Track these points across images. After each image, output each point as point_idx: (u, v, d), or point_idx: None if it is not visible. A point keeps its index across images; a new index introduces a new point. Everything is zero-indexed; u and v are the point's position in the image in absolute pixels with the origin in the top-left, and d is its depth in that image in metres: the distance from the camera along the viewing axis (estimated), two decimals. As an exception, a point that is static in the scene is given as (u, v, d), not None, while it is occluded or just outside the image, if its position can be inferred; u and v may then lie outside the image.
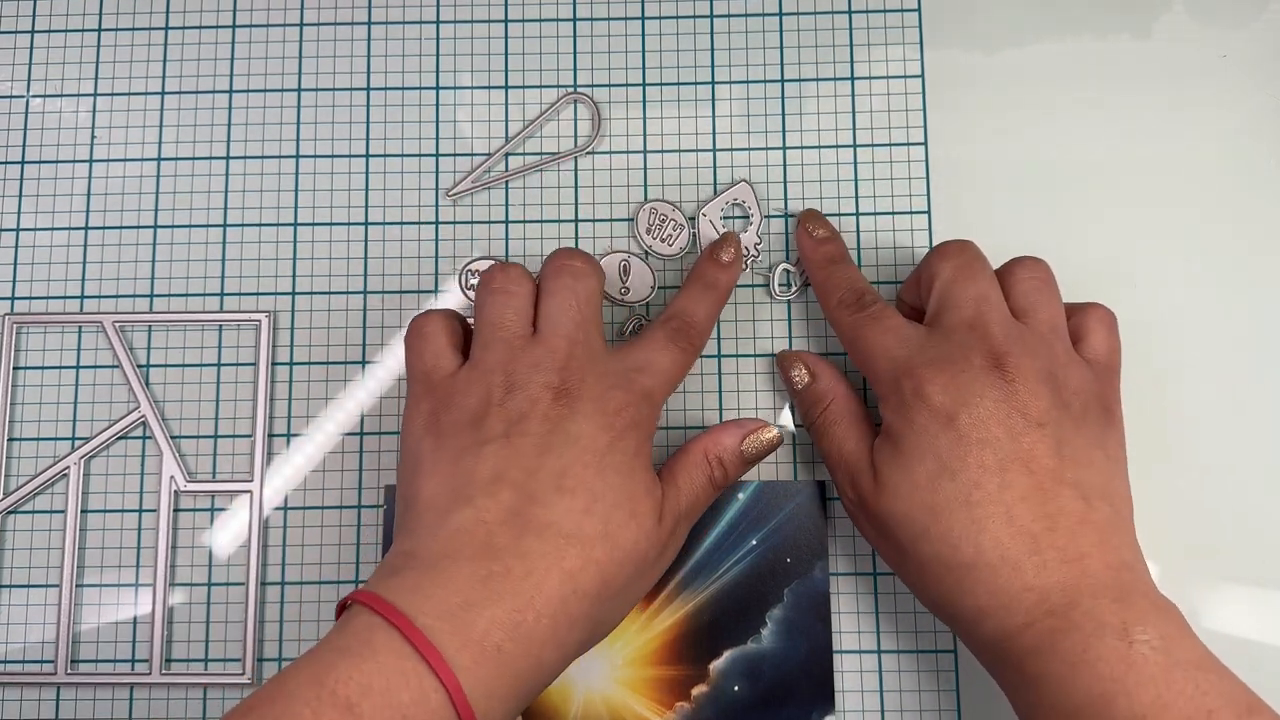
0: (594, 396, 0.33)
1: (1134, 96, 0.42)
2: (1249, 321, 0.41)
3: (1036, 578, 0.30)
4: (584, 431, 0.32)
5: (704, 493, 0.35)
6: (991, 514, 0.31)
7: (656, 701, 0.38)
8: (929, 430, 0.32)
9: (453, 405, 0.33)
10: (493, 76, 0.43)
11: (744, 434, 0.36)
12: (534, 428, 0.32)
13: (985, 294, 0.34)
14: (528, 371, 0.33)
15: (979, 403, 0.32)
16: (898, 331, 0.35)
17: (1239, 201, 0.42)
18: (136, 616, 0.40)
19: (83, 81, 0.43)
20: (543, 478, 0.31)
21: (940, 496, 0.32)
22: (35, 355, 0.41)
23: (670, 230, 0.41)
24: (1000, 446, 0.32)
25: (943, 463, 0.32)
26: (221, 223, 0.42)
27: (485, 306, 0.35)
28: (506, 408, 0.32)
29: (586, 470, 0.32)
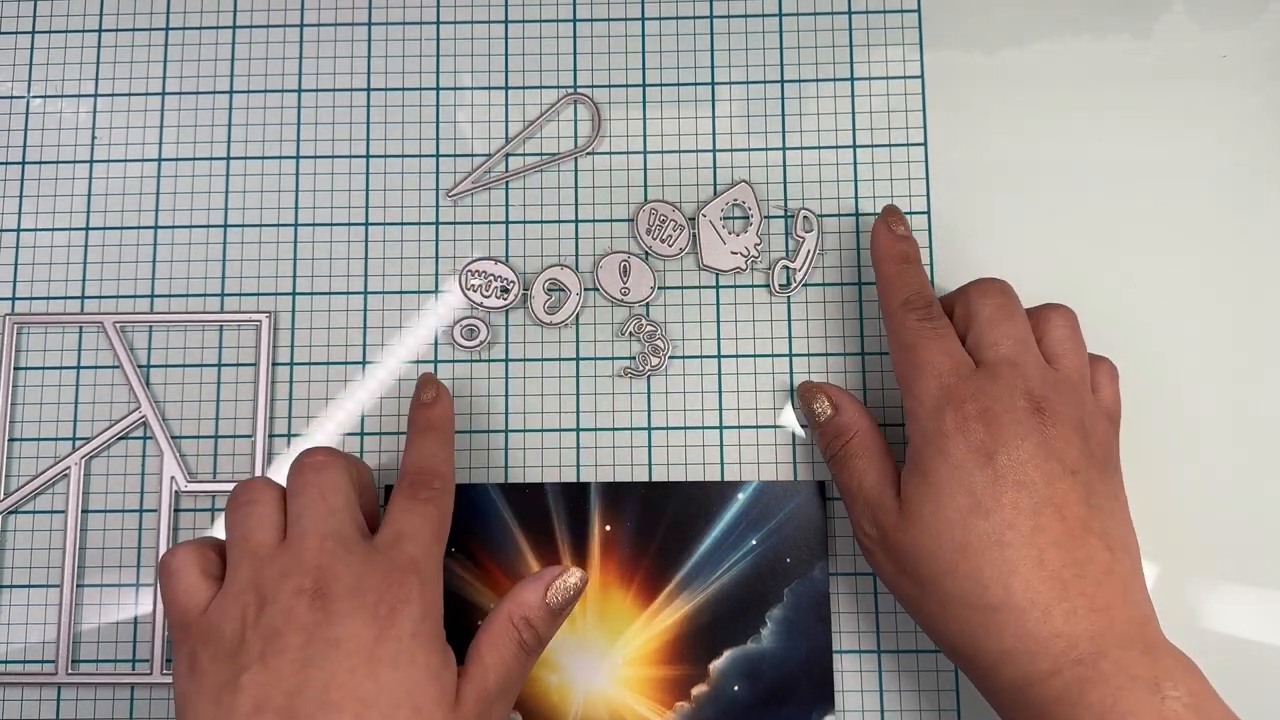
0: (350, 590, 0.31)
1: (1134, 96, 0.42)
2: (1250, 321, 0.41)
3: (1065, 624, 0.30)
4: (345, 633, 0.30)
5: (516, 663, 0.33)
6: (1025, 556, 0.31)
7: (656, 701, 0.38)
8: (965, 466, 0.32)
9: (210, 639, 0.31)
10: (493, 77, 0.43)
11: (545, 586, 0.33)
12: (291, 641, 0.30)
13: (1024, 336, 0.35)
14: (277, 581, 0.31)
15: (1020, 445, 0.32)
16: (954, 354, 0.34)
17: (1239, 201, 0.42)
18: (137, 616, 0.40)
19: (83, 82, 0.43)
20: (306, 697, 0.29)
21: (972, 534, 0.32)
22: (36, 355, 0.41)
23: (670, 231, 0.41)
24: (1036, 490, 0.32)
25: (977, 500, 0.32)
26: (222, 223, 0.42)
27: (232, 525, 0.33)
28: (260, 626, 0.30)
29: (354, 676, 0.29)
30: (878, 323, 0.41)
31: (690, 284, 0.41)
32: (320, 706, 0.29)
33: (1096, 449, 0.33)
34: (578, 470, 0.40)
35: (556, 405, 0.41)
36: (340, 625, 0.30)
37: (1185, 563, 0.39)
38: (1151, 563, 0.40)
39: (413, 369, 0.41)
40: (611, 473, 0.40)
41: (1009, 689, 0.31)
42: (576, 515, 0.39)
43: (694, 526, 0.39)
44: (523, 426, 0.41)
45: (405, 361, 0.41)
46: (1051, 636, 0.30)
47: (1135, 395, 0.41)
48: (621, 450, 0.40)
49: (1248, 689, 0.39)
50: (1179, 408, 0.40)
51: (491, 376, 0.41)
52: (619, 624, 0.39)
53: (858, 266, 0.41)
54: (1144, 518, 0.40)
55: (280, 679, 0.29)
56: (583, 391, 0.41)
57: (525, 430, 0.41)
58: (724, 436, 0.40)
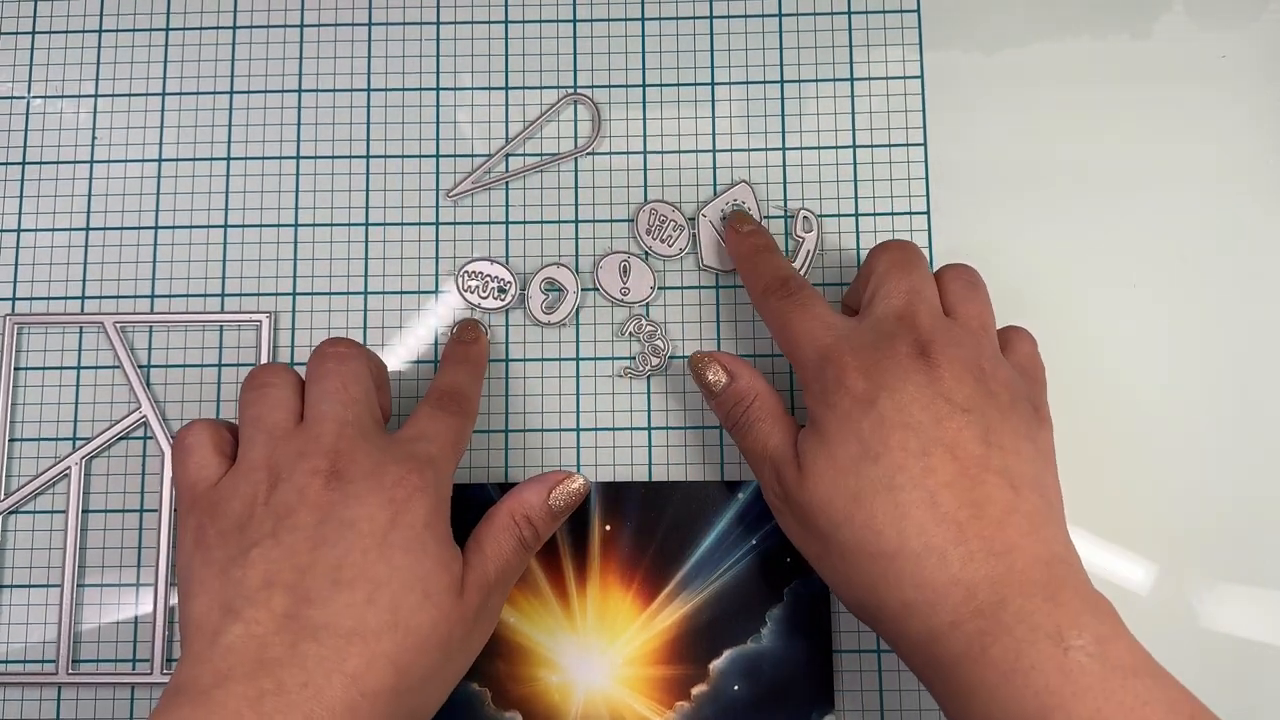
0: (367, 473, 0.31)
1: (1134, 96, 0.42)
2: (1250, 321, 0.41)
3: (963, 570, 0.29)
4: (360, 514, 0.30)
5: (515, 557, 0.34)
6: (915, 499, 0.30)
7: (656, 701, 0.38)
8: (851, 415, 0.32)
9: (218, 513, 0.31)
10: (493, 77, 0.43)
11: (548, 488, 0.34)
12: (304, 520, 0.30)
13: (917, 288, 0.34)
14: (292, 460, 0.31)
15: (901, 387, 0.31)
16: (824, 318, 0.34)
17: (1239, 201, 0.42)
18: (137, 616, 0.40)
19: (83, 82, 0.43)
20: (317, 573, 0.29)
21: (863, 481, 0.31)
22: (36, 355, 0.41)
23: (670, 231, 0.41)
24: (924, 430, 0.31)
25: (865, 446, 0.31)
26: (222, 223, 0.42)
27: (246, 405, 0.33)
28: (272, 504, 0.30)
29: (366, 556, 0.30)
30: (878, 323, 0.41)
31: (690, 284, 0.41)
32: (331, 583, 0.29)
33: (1000, 389, 0.32)
34: (577, 470, 0.40)
35: (556, 405, 0.41)
36: (355, 506, 0.30)
37: (1185, 563, 0.39)
38: (1151, 563, 0.40)
39: (413, 369, 0.41)
40: (611, 473, 0.40)
41: (916, 646, 0.30)
42: (576, 515, 0.39)
43: (694, 526, 0.39)
44: (522, 426, 0.41)
45: (405, 361, 0.41)
46: (949, 584, 0.29)
47: (1135, 395, 0.41)
48: (621, 450, 0.40)
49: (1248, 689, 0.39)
50: (1179, 407, 0.40)
51: (491, 377, 0.41)
52: (619, 624, 0.39)
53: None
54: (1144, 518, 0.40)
55: (292, 555, 0.29)
56: (582, 391, 0.41)
57: (525, 430, 0.41)
58: (724, 436, 0.40)
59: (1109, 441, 0.40)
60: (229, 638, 0.29)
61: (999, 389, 0.32)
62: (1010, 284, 0.41)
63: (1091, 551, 0.40)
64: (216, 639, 0.29)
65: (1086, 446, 0.40)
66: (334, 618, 0.29)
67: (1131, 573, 0.39)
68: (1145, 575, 0.40)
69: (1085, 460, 0.40)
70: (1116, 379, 0.41)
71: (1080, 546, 0.40)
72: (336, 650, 0.29)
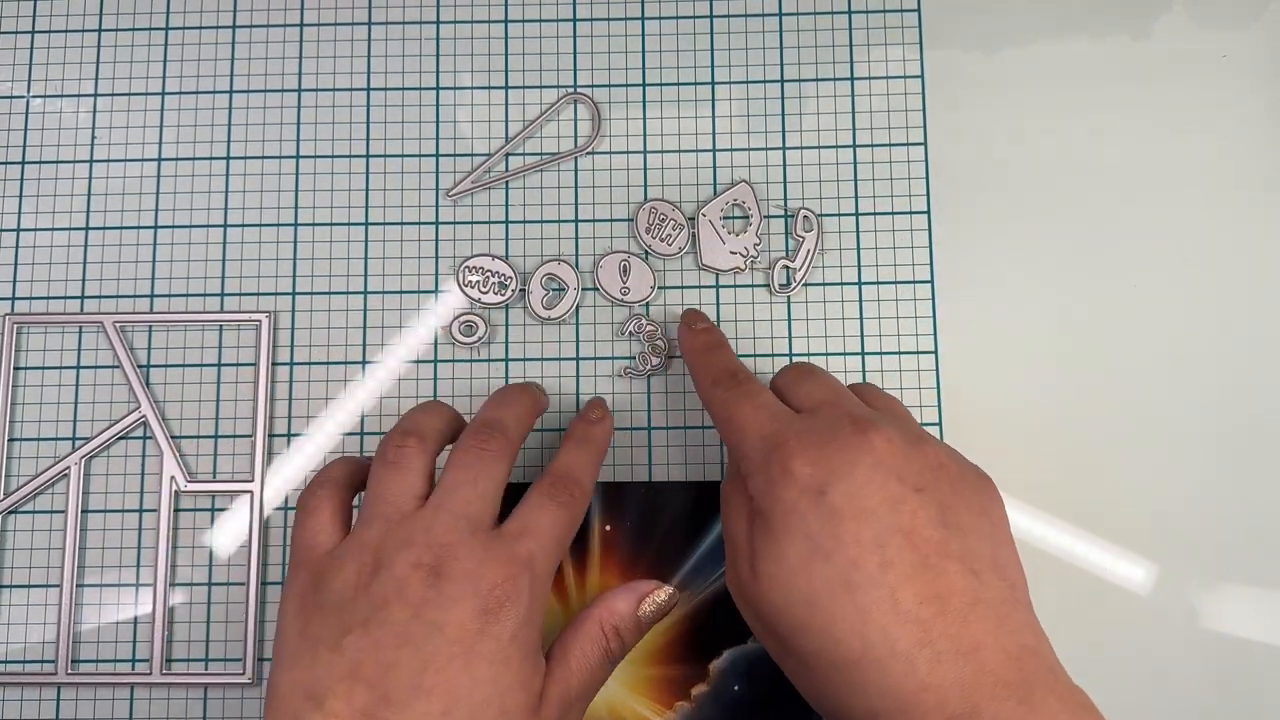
0: (466, 574, 0.30)
1: (1134, 96, 0.42)
2: (1250, 321, 0.41)
3: (930, 674, 0.28)
4: (450, 619, 0.30)
5: (600, 670, 0.32)
6: (874, 599, 0.28)
7: (657, 701, 0.38)
8: (798, 507, 0.30)
9: (322, 586, 0.31)
10: (493, 76, 0.43)
11: (639, 598, 0.33)
12: (396, 614, 0.30)
13: (835, 386, 0.34)
14: (397, 548, 0.31)
15: (851, 472, 0.30)
16: (770, 408, 0.33)
17: (1239, 201, 0.42)
18: (137, 616, 0.40)
19: (83, 82, 0.43)
20: (400, 674, 0.29)
21: (816, 582, 0.29)
22: (35, 355, 0.41)
23: (670, 230, 0.41)
24: (879, 518, 0.29)
25: (815, 543, 0.29)
26: (222, 223, 0.42)
27: (376, 480, 0.33)
28: (371, 591, 0.30)
29: (451, 664, 0.29)
30: (878, 323, 0.41)
31: (690, 284, 0.41)
32: (412, 688, 0.29)
33: (945, 459, 0.31)
34: (578, 470, 0.40)
35: (556, 405, 0.41)
36: (448, 609, 0.30)
37: (1185, 563, 0.39)
38: (1151, 563, 0.40)
39: (413, 369, 0.41)
40: (611, 473, 0.40)
41: None
42: (576, 515, 0.39)
43: (694, 526, 0.39)
44: (523, 426, 0.41)
45: (405, 361, 0.41)
46: (918, 690, 0.28)
47: (1135, 395, 0.41)
48: (621, 450, 0.40)
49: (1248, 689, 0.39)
50: (1179, 407, 0.40)
51: (491, 376, 0.41)
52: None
53: (858, 266, 0.41)
54: (1144, 518, 0.40)
55: (378, 649, 0.29)
56: (582, 391, 0.41)
57: (525, 430, 0.40)
58: (724, 436, 0.40)
59: (1109, 441, 0.40)
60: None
61: (945, 460, 0.31)
62: (1009, 284, 0.41)
63: (1092, 551, 0.40)
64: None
65: (1086, 446, 0.40)
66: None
67: (1131, 573, 0.40)
68: (1145, 575, 0.40)
69: (1085, 460, 0.40)
70: (1116, 379, 0.41)
71: (1080, 546, 0.40)
72: None
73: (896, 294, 0.41)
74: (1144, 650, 0.39)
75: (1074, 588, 0.39)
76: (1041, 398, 0.40)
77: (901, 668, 0.28)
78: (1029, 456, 0.32)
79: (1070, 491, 0.40)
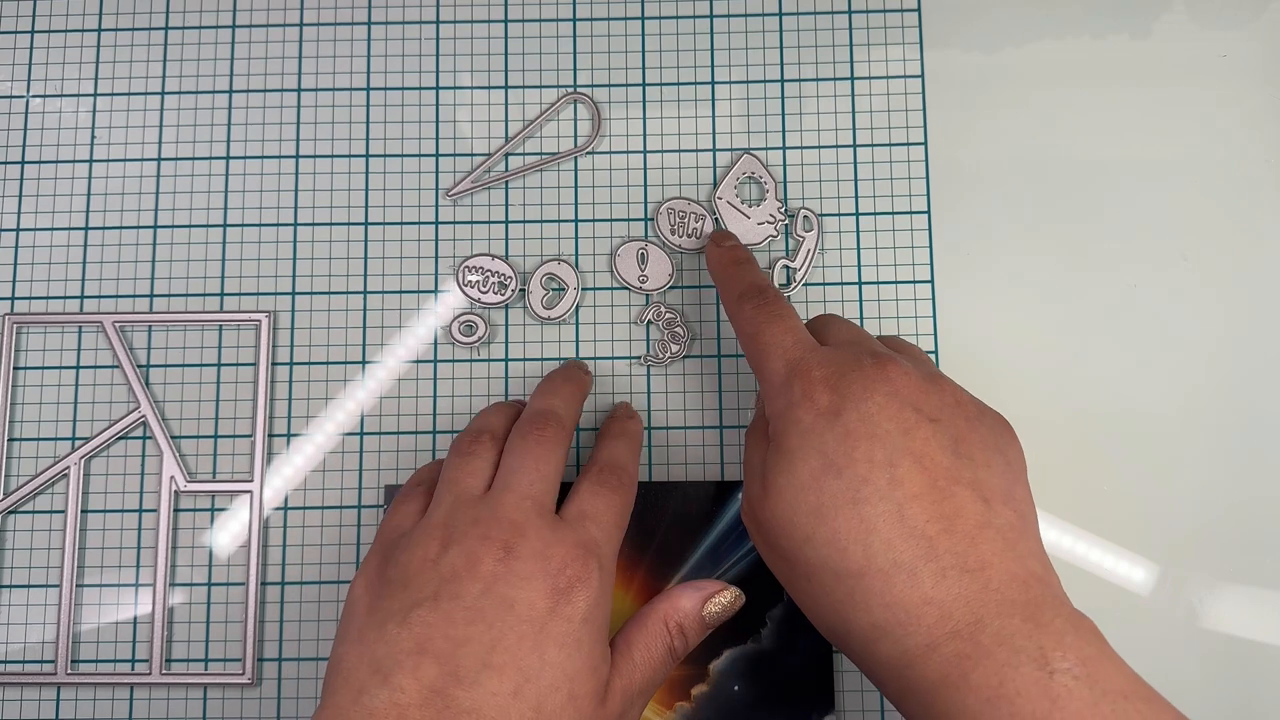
0: (535, 553, 0.30)
1: (1134, 96, 0.42)
2: (1249, 320, 0.41)
3: (935, 588, 0.28)
4: (521, 596, 0.30)
5: (663, 666, 0.32)
6: (881, 512, 0.29)
7: (657, 701, 0.38)
8: (815, 428, 0.30)
9: (393, 562, 0.32)
10: (493, 76, 0.43)
11: (704, 597, 0.33)
12: (467, 588, 0.30)
13: (862, 330, 0.35)
14: (467, 526, 0.31)
15: (868, 398, 0.30)
16: (796, 332, 0.33)
17: (1239, 201, 0.42)
18: (136, 616, 0.40)
19: (83, 81, 0.43)
20: (471, 651, 0.29)
21: (825, 495, 0.29)
22: (35, 355, 0.41)
23: (693, 224, 0.41)
24: (891, 441, 0.29)
25: (828, 460, 0.30)
26: (221, 223, 0.42)
27: (446, 468, 0.34)
28: (440, 566, 0.30)
29: (521, 643, 0.29)
30: (879, 323, 0.41)
31: (690, 284, 0.41)
32: (482, 665, 0.28)
33: (965, 399, 0.31)
34: (578, 470, 0.40)
35: (556, 405, 0.41)
36: (519, 586, 0.30)
37: (1185, 563, 0.39)
38: (1151, 563, 0.40)
39: (413, 368, 0.41)
40: (611, 472, 0.40)
41: (889, 669, 0.29)
42: (576, 515, 0.39)
43: (694, 526, 0.39)
44: (523, 426, 0.41)
45: (405, 361, 0.41)
46: (921, 603, 0.28)
47: (1135, 395, 0.41)
48: (621, 450, 0.40)
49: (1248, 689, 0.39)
50: (1179, 407, 0.40)
51: (491, 376, 0.41)
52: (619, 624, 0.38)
53: (858, 266, 0.41)
54: (1144, 518, 0.40)
55: (449, 624, 0.29)
56: (583, 391, 0.41)
57: (525, 430, 0.40)
58: (724, 436, 0.40)
59: (1109, 441, 0.40)
60: (373, 701, 0.28)
61: (965, 399, 0.32)
62: (1009, 284, 0.41)
63: (1092, 551, 0.40)
64: (360, 698, 0.28)
65: (1086, 447, 0.40)
66: (478, 703, 0.28)
67: (1131, 573, 0.40)
68: (1145, 575, 0.40)
69: (1085, 460, 0.40)
70: (1116, 378, 0.41)
71: (1081, 546, 0.40)
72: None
73: (896, 294, 0.41)
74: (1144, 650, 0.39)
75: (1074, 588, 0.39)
76: (1041, 397, 0.40)
77: (905, 580, 0.28)
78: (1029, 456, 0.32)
79: (1070, 491, 0.40)
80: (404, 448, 0.40)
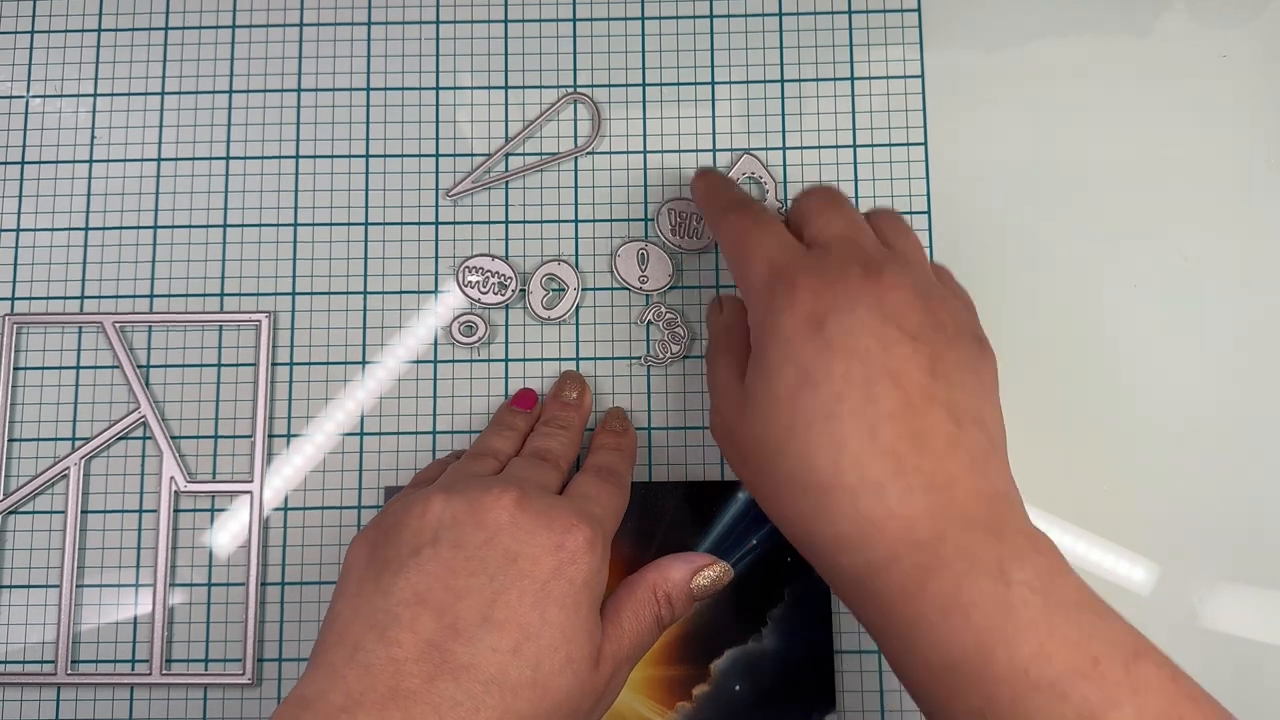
0: (541, 511, 0.30)
1: (1134, 96, 0.42)
2: (1250, 320, 0.41)
3: (900, 504, 0.28)
4: (525, 551, 0.29)
5: (650, 634, 0.32)
6: (854, 429, 0.29)
7: (658, 701, 0.38)
8: (795, 338, 0.30)
9: (390, 513, 0.31)
10: (493, 76, 0.43)
11: (693, 570, 0.33)
12: (470, 536, 0.29)
13: (855, 219, 0.34)
14: (469, 482, 0.31)
15: (851, 309, 0.30)
16: (780, 237, 0.33)
17: (1238, 201, 0.42)
18: (136, 616, 0.40)
19: (83, 81, 0.43)
20: (471, 604, 0.28)
21: (800, 410, 0.29)
22: (35, 355, 0.41)
23: (694, 223, 0.41)
24: (871, 359, 0.29)
25: (805, 373, 0.30)
26: (221, 223, 0.42)
27: (481, 437, 0.37)
28: (443, 513, 0.30)
29: (523, 600, 0.28)
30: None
31: (690, 284, 0.41)
32: (482, 619, 0.28)
33: (947, 320, 0.31)
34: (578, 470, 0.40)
35: (556, 405, 0.41)
36: (524, 540, 0.29)
37: (1185, 563, 0.39)
38: (1152, 563, 0.40)
39: (413, 369, 0.41)
40: (611, 473, 0.40)
41: (851, 581, 0.29)
42: (577, 515, 0.39)
43: (694, 526, 0.39)
44: (523, 426, 0.40)
45: (405, 361, 0.41)
46: (886, 517, 0.28)
47: (1135, 395, 0.41)
48: (621, 450, 0.40)
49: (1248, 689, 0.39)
50: (1179, 407, 0.40)
51: (491, 376, 0.41)
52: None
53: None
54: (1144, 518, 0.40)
55: (449, 574, 0.28)
56: (583, 391, 0.41)
57: (525, 430, 0.40)
58: (724, 436, 0.40)
59: (1109, 441, 0.40)
60: (369, 656, 0.27)
61: (946, 319, 0.31)
62: (1010, 283, 0.41)
63: (1092, 551, 0.40)
64: (355, 655, 0.28)
65: (1086, 446, 0.40)
66: (477, 659, 0.27)
67: (1131, 573, 0.40)
68: (1145, 575, 0.40)
69: (1085, 460, 0.40)
70: (1116, 379, 0.41)
71: (1081, 546, 0.40)
72: (473, 696, 0.27)
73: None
74: (1144, 650, 0.39)
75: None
76: (1041, 397, 0.40)
77: (871, 495, 0.28)
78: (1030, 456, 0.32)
79: (1070, 491, 0.40)
80: (404, 448, 0.40)
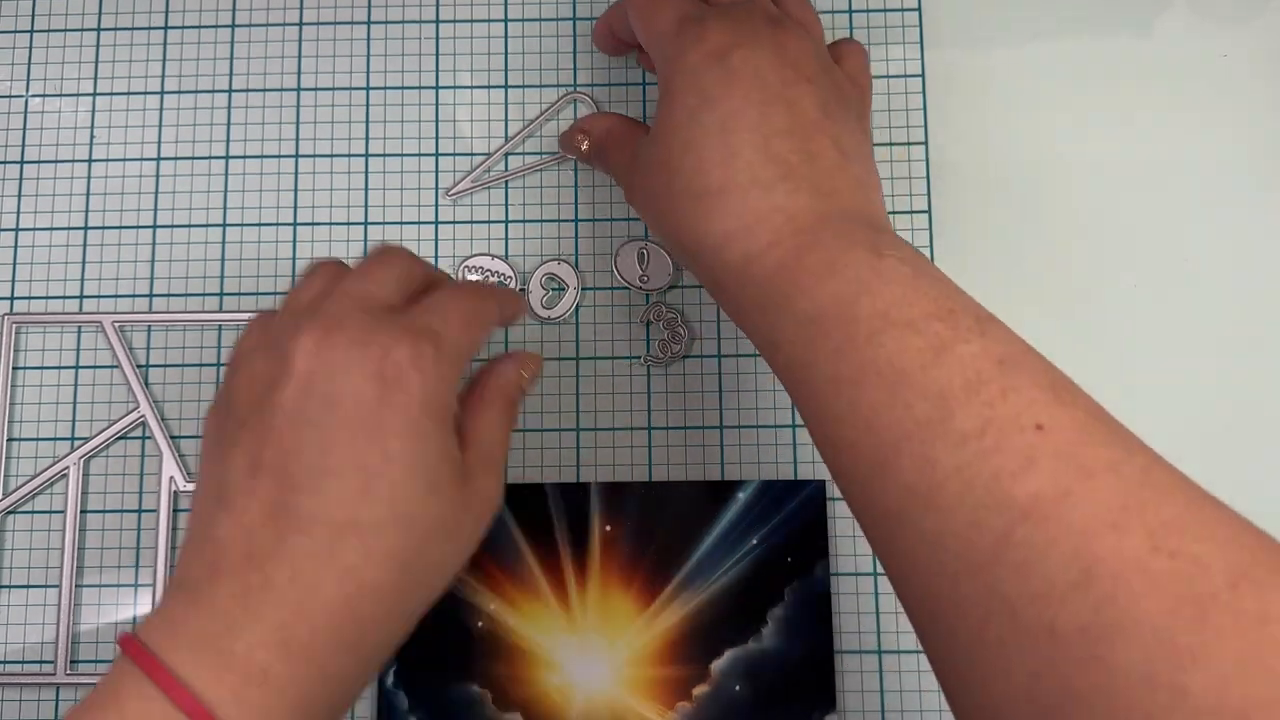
0: (353, 341, 0.28)
1: (1134, 96, 0.42)
2: (1250, 319, 0.41)
3: (786, 200, 0.30)
4: (343, 390, 0.27)
5: (505, 434, 0.31)
6: (747, 140, 0.30)
7: (658, 701, 0.38)
8: (699, 68, 0.32)
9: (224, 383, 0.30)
10: (493, 76, 0.43)
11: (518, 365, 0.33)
12: (287, 394, 0.27)
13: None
14: (284, 323, 0.29)
15: (757, 48, 0.31)
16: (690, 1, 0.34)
17: (1239, 201, 0.42)
18: (136, 617, 0.40)
19: (82, 81, 0.43)
20: (303, 457, 0.27)
21: (697, 129, 0.31)
22: (35, 355, 0.41)
23: None
24: (768, 87, 0.31)
25: (706, 95, 0.31)
26: (221, 222, 0.42)
27: None
28: (260, 376, 0.28)
29: (355, 441, 0.27)
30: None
31: (690, 284, 0.41)
32: (319, 472, 0.27)
33: (839, 80, 0.33)
34: (577, 470, 0.40)
35: (556, 405, 0.41)
36: (337, 380, 0.27)
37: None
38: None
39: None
40: (611, 473, 0.40)
41: (733, 272, 0.30)
42: (577, 515, 0.39)
43: (694, 526, 0.39)
44: (522, 426, 0.40)
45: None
46: (771, 210, 0.30)
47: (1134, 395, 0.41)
48: (622, 450, 0.40)
49: (1248, 688, 0.39)
50: (1180, 407, 0.40)
51: (491, 376, 0.41)
52: (620, 624, 0.38)
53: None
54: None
55: (275, 434, 0.27)
56: (582, 391, 0.41)
57: (525, 430, 0.40)
58: (724, 436, 0.40)
59: (1109, 441, 0.40)
60: (219, 529, 0.27)
61: (840, 80, 0.33)
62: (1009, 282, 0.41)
63: (1092, 551, 0.40)
64: (209, 530, 0.27)
65: (1087, 446, 0.40)
66: (324, 508, 0.27)
67: (1132, 572, 0.39)
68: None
69: (1086, 460, 0.40)
70: (1116, 379, 0.41)
71: (1081, 546, 0.40)
72: (328, 544, 0.26)
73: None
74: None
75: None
76: (1042, 397, 0.40)
77: (759, 193, 0.30)
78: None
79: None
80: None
